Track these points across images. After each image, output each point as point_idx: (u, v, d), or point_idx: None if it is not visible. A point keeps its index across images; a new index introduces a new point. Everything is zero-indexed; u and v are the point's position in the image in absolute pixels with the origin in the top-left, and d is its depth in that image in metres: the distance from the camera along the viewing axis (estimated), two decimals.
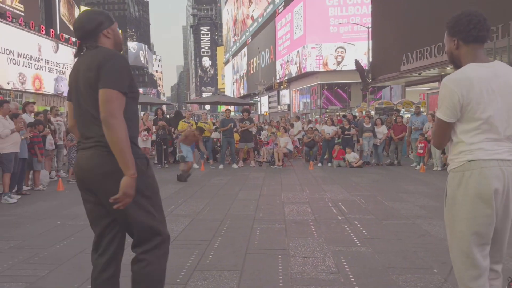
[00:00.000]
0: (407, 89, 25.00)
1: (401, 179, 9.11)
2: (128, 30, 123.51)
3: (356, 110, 25.74)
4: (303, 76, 45.82)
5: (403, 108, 18.08)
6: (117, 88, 2.02)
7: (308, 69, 42.56)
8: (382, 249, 4.10)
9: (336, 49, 41.59)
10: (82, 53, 2.22)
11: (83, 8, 65.91)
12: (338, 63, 41.83)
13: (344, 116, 14.35)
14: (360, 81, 23.73)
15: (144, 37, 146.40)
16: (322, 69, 42.14)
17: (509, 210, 2.02)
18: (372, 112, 20.06)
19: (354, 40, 39.09)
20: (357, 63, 22.99)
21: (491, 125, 1.99)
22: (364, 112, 18.83)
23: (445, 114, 2.03)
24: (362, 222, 5.17)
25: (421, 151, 11.19)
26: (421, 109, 14.58)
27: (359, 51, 36.07)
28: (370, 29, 27.49)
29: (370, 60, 27.20)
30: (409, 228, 4.90)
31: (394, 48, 22.21)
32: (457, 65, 2.15)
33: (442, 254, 3.92)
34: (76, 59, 2.26)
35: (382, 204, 6.39)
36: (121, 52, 2.32)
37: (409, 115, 14.81)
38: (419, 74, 19.89)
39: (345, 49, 40.73)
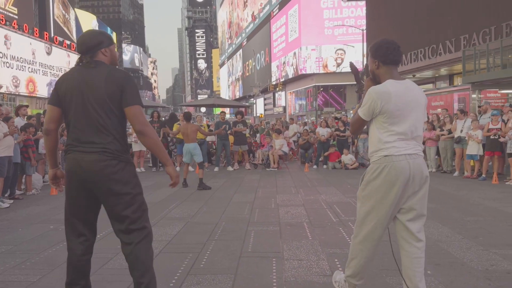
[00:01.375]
0: None
1: None
2: (123, 32, 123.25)
3: (351, 112, 25.80)
4: (298, 78, 45.88)
5: None
6: (140, 104, 2.57)
7: (308, 71, 42.61)
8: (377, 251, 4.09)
9: (336, 51, 41.67)
10: (81, 65, 2.59)
11: (77, 10, 65.75)
12: (338, 65, 41.91)
13: (337, 118, 14.39)
14: (355, 83, 23.78)
15: (139, 40, 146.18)
16: (322, 71, 42.21)
17: (421, 188, 2.65)
18: None
19: (349, 42, 39.21)
20: (351, 65, 22.97)
21: (402, 129, 2.60)
22: None
23: (364, 114, 2.68)
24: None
25: None
26: None
27: (358, 53, 36.16)
28: (365, 31, 27.61)
29: (365, 62, 27.31)
30: None
31: None
32: (377, 81, 2.75)
33: (436, 255, 3.93)
34: (76, 69, 2.61)
35: None
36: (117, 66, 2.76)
37: None
38: (413, 75, 20.00)
39: (344, 51, 40.82)
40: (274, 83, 49.10)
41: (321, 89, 43.11)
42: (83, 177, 2.51)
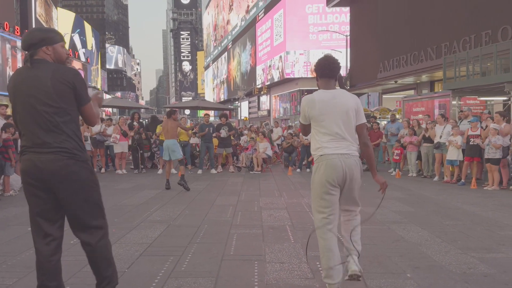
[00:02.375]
0: (384, 96, 25.45)
1: (377, 184, 9.22)
2: (106, 33, 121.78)
3: None
4: (283, 82, 46.10)
5: (379, 115, 18.39)
6: (90, 99, 2.62)
7: (296, 75, 42.81)
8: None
9: (324, 55, 42.06)
10: (29, 65, 2.54)
11: (60, 9, 64.74)
12: None
13: None
14: (338, 88, 23.99)
15: (123, 41, 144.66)
16: (310, 75, 42.51)
17: (351, 184, 3.02)
18: None
19: (333, 47, 39.63)
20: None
21: (331, 130, 2.98)
22: None
23: (301, 119, 3.18)
24: (338, 227, 5.20)
25: (397, 158, 11.38)
26: (397, 116, 14.86)
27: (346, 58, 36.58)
28: (349, 37, 27.93)
29: (348, 67, 27.62)
30: (384, 234, 4.96)
31: (371, 56, 22.63)
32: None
33: (416, 259, 3.99)
34: (21, 69, 2.60)
35: None
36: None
37: (385, 122, 15.07)
38: (396, 81, 20.29)
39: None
40: (259, 86, 49.20)
41: (305, 93, 43.35)
42: (42, 178, 2.49)
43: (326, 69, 3.10)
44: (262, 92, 48.44)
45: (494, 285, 3.35)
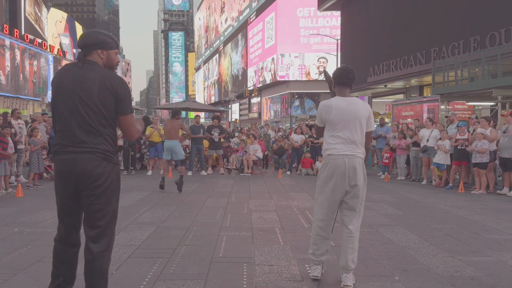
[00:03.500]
0: (373, 100, 25.64)
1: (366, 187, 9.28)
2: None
3: None
4: (274, 84, 46.18)
5: None
6: (132, 112, 2.69)
7: (291, 78, 42.90)
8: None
9: (318, 59, 42.19)
10: (75, 62, 2.58)
11: (51, 8, 64.05)
12: (320, 73, 42.39)
13: (308, 125, 14.54)
14: (329, 91, 24.14)
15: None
16: (304, 78, 42.59)
17: (356, 183, 3.32)
18: None
19: (324, 51, 39.83)
20: (325, 73, 23.37)
21: (343, 134, 3.32)
22: None
23: (318, 122, 3.54)
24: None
25: (387, 161, 11.47)
26: (386, 120, 14.97)
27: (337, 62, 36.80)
28: (339, 41, 28.10)
29: None
30: (372, 236, 4.99)
31: (361, 60, 22.77)
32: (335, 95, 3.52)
33: (404, 262, 4.02)
34: (70, 66, 2.63)
35: None
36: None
37: (375, 126, 15.20)
38: (385, 86, 20.45)
39: (326, 59, 41.36)
40: (250, 88, 49.23)
41: (296, 96, 43.52)
42: (72, 177, 2.52)
43: (344, 77, 3.43)
44: (253, 95, 48.45)
45: None
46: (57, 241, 2.66)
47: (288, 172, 12.36)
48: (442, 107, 12.57)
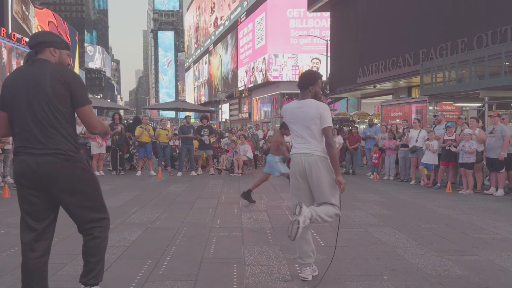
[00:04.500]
0: (363, 101, 25.82)
1: (355, 188, 9.35)
2: (85, 32, 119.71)
3: None
4: (264, 85, 46.24)
5: (358, 119, 18.66)
6: (90, 102, 2.62)
7: (285, 78, 42.98)
8: (335, 256, 4.16)
9: (312, 59, 42.35)
10: (31, 62, 2.55)
11: (38, 7, 63.19)
12: None
13: None
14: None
15: (102, 40, 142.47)
16: (297, 79, 42.73)
17: (314, 179, 3.41)
18: None
19: (314, 52, 40.00)
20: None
21: (298, 133, 3.51)
22: None
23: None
24: (317, 229, 5.24)
25: (376, 161, 11.55)
26: (375, 120, 15.08)
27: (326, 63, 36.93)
28: (329, 42, 28.22)
29: (328, 72, 27.91)
30: (361, 236, 5.03)
31: (351, 61, 22.93)
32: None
33: (393, 261, 4.05)
34: (21, 68, 2.59)
35: None
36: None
37: (364, 126, 15.29)
38: (374, 87, 20.61)
39: (320, 60, 41.54)
40: (241, 89, 49.17)
41: (286, 96, 43.65)
42: (34, 179, 2.49)
43: (299, 82, 3.64)
44: (243, 95, 48.40)
45: (468, 287, 3.43)
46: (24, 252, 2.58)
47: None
48: (430, 108, 12.71)
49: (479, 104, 11.86)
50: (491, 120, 8.99)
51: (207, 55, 74.03)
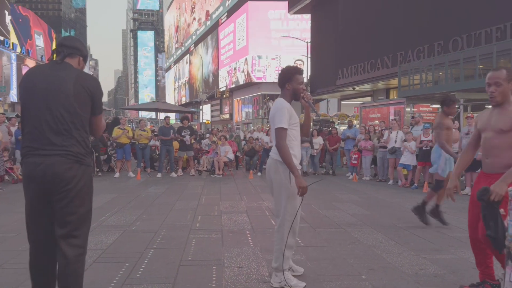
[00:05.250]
0: (342, 102, 26.11)
1: (335, 188, 9.44)
2: (63, 30, 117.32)
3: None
4: (246, 86, 46.26)
5: (338, 120, 18.86)
6: (102, 111, 2.69)
7: (268, 79, 43.03)
8: (314, 257, 4.19)
9: (295, 61, 42.58)
10: (59, 61, 2.55)
11: (14, 5, 61.56)
12: None
13: None
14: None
15: (80, 39, 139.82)
16: None
17: (273, 187, 3.41)
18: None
19: (294, 53, 40.27)
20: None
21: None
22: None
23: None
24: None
25: (355, 162, 11.69)
26: (355, 122, 15.27)
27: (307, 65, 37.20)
28: (309, 44, 28.44)
29: (309, 74, 28.13)
30: (340, 236, 5.07)
31: (330, 63, 23.16)
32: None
33: (371, 261, 4.10)
34: (47, 67, 2.55)
35: (317, 212, 6.57)
36: None
37: (344, 127, 15.46)
38: (353, 88, 20.88)
39: (303, 62, 41.82)
40: (222, 89, 49.05)
41: (267, 97, 43.77)
42: (44, 181, 2.43)
43: (278, 79, 3.52)
44: (224, 96, 48.31)
45: (444, 285, 3.50)
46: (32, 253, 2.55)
47: (259, 173, 12.38)
48: (408, 109, 12.94)
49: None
50: (467, 121, 9.20)
51: (188, 55, 73.58)
